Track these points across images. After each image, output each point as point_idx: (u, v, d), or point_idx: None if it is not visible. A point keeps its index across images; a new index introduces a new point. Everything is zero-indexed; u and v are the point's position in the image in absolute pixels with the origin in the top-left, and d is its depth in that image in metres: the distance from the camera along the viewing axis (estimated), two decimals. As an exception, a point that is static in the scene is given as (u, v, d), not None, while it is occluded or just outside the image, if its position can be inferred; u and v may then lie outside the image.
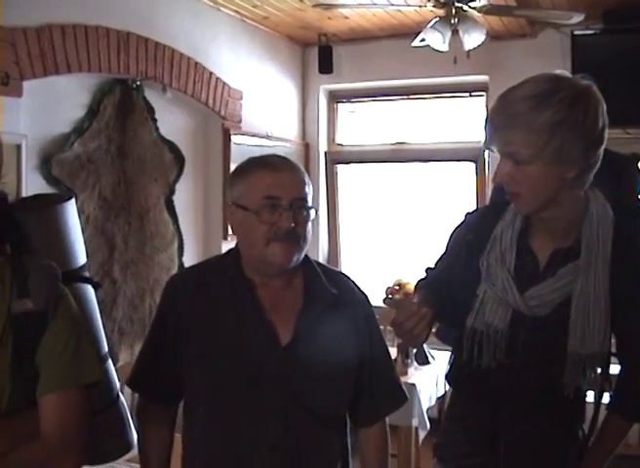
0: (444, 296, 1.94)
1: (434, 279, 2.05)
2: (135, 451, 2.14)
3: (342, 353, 1.93)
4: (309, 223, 1.87)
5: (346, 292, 1.99)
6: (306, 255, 1.97)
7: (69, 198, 1.91)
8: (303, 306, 1.91)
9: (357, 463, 2.11)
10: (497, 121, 1.72)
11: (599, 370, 1.85)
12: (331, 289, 1.95)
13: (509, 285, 1.84)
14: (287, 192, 1.82)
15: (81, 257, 1.93)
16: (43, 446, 1.57)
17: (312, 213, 1.87)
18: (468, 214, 2.07)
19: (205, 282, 1.95)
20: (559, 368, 1.82)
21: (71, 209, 1.91)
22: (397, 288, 5.53)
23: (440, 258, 2.09)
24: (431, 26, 4.18)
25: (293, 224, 1.81)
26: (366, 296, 2.05)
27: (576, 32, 5.01)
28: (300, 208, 1.84)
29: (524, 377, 1.87)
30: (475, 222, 2.01)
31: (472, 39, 4.19)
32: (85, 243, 1.94)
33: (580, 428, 1.97)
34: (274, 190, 1.81)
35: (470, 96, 5.75)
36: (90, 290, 1.95)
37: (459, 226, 2.07)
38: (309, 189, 1.89)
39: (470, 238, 1.97)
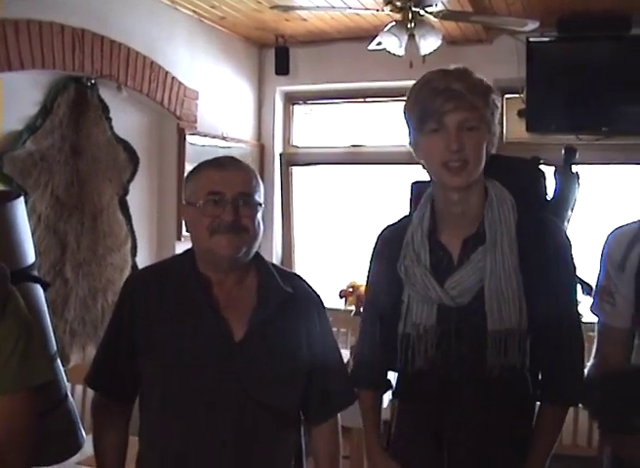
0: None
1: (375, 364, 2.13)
2: (85, 453, 2.12)
3: (295, 350, 1.99)
4: (257, 218, 1.93)
5: (300, 292, 2.05)
6: (260, 256, 2.04)
7: (18, 196, 1.90)
8: (257, 304, 1.96)
9: (310, 463, 2.12)
10: (460, 88, 1.80)
11: (520, 348, 1.87)
12: (285, 287, 2.01)
13: (428, 280, 1.91)
14: (230, 188, 1.90)
15: (30, 256, 1.92)
16: None
17: (260, 208, 1.94)
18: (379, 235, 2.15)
19: (162, 280, 2.00)
20: None
21: (20, 207, 1.90)
22: (351, 290, 5.56)
23: (370, 294, 2.16)
24: (388, 30, 4.20)
25: (234, 217, 1.87)
26: (319, 297, 2.11)
27: (531, 39, 5.07)
28: (245, 202, 1.91)
29: (461, 372, 1.91)
30: (387, 237, 2.09)
31: (428, 44, 4.22)
32: (36, 242, 1.93)
33: (527, 423, 2.00)
34: (218, 186, 1.90)
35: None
36: (39, 289, 1.94)
37: (372, 253, 2.14)
38: (257, 186, 1.96)
39: (386, 253, 2.03)
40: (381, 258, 2.08)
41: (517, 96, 5.19)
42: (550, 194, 2.17)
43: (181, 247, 4.74)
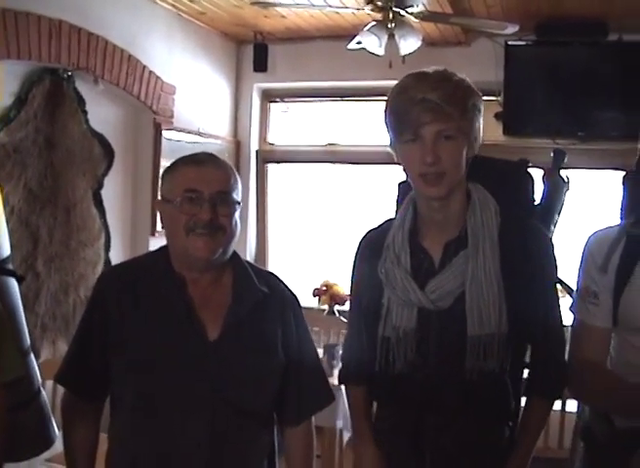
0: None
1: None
2: (54, 451, 2.10)
3: (270, 350, 1.97)
4: (235, 217, 1.91)
5: (275, 291, 2.03)
6: (236, 254, 2.02)
7: None
8: (232, 303, 1.94)
9: (283, 463, 2.11)
10: (436, 99, 1.76)
11: (499, 353, 1.88)
12: (260, 287, 1.99)
13: (409, 283, 1.90)
14: (208, 186, 1.87)
15: (5, 249, 1.88)
16: None
17: (238, 206, 1.92)
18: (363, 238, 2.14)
19: (135, 278, 1.97)
20: None
21: None
22: (324, 289, 5.55)
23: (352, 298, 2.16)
24: (368, 29, 4.19)
25: (212, 216, 1.84)
26: (295, 296, 2.09)
27: (509, 42, 5.10)
28: (222, 201, 1.88)
29: (441, 376, 1.90)
30: (369, 239, 2.08)
31: (408, 44, 4.21)
32: (9, 235, 1.90)
33: (507, 428, 2.00)
34: (195, 184, 1.87)
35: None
36: (13, 283, 1.91)
37: (356, 255, 2.13)
38: (235, 184, 1.94)
39: (368, 254, 2.03)
40: (363, 260, 2.07)
41: (494, 98, 5.21)
42: (538, 198, 2.18)
43: (155, 242, 4.71)
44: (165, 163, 4.97)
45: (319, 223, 6.19)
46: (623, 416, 1.94)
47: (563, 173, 2.26)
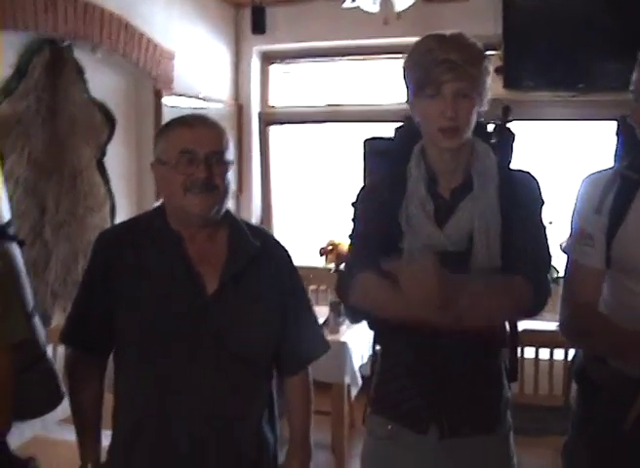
0: None
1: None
2: (67, 413, 2.16)
3: (266, 301, 2.06)
4: (228, 175, 1.99)
5: (269, 246, 2.13)
6: (230, 212, 2.10)
7: None
8: (228, 258, 2.02)
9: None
10: (458, 60, 1.92)
11: None
12: (254, 241, 2.07)
13: (433, 228, 2.01)
14: (202, 146, 1.94)
15: (5, 214, 1.93)
16: None
17: (230, 165, 1.99)
18: (368, 180, 2.27)
19: (134, 236, 2.05)
20: None
21: None
22: (330, 248, 5.60)
23: (360, 241, 2.16)
24: (361, -13, 4.19)
25: (207, 175, 1.92)
26: (286, 250, 2.18)
27: (507, -5, 5.07)
28: (217, 161, 1.96)
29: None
30: (385, 183, 2.15)
31: (402, 0, 4.21)
32: (15, 205, 1.95)
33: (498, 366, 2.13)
34: (190, 144, 1.94)
35: (403, 57, 5.76)
36: (15, 247, 1.96)
37: (363, 194, 2.19)
38: (228, 144, 2.01)
39: (386, 197, 2.09)
40: (377, 204, 2.11)
41: (494, 53, 5.19)
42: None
43: (161, 208, 4.77)
44: (167, 129, 5.00)
45: (323, 183, 6.21)
46: (614, 359, 1.99)
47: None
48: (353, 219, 2.19)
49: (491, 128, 2.20)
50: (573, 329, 2.12)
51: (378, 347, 2.24)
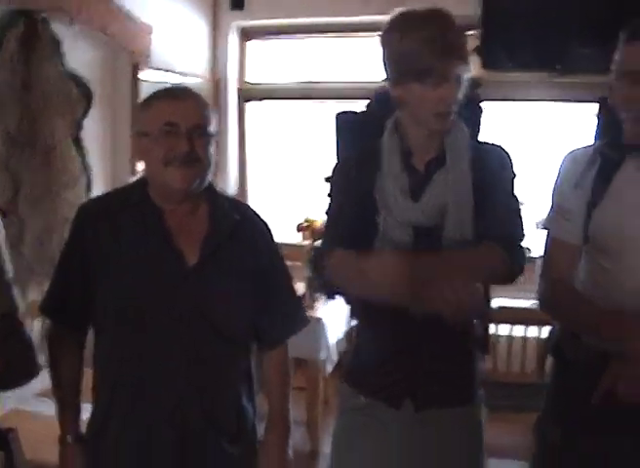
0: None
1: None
2: (45, 385, 2.17)
3: (246, 274, 2.07)
4: (210, 149, 2.00)
5: (248, 219, 2.15)
6: (211, 185, 2.11)
7: None
8: (209, 231, 2.04)
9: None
10: (462, 46, 2.00)
11: None
12: (235, 215, 2.09)
13: (407, 202, 2.04)
14: (185, 119, 1.94)
15: None
16: None
17: (212, 139, 2.00)
18: (340, 156, 2.29)
19: (113, 209, 2.05)
20: None
21: None
22: (306, 225, 5.61)
23: (335, 217, 2.19)
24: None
25: (189, 149, 1.92)
26: (266, 224, 2.20)
27: (487, -25, 5.06)
28: (199, 134, 1.96)
29: None
30: (354, 159, 2.17)
31: (383, -21, 4.19)
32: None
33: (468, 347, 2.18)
34: (172, 117, 1.94)
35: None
36: None
37: (336, 170, 2.23)
38: (210, 117, 2.01)
39: (359, 172, 2.12)
40: (347, 180, 2.15)
41: (473, 33, 5.19)
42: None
43: (137, 183, 4.75)
44: (144, 104, 4.97)
45: (300, 160, 6.22)
46: (586, 334, 2.03)
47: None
48: (329, 195, 2.21)
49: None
50: (548, 303, 2.16)
51: (354, 322, 2.27)
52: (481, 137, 2.22)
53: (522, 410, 3.61)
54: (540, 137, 5.46)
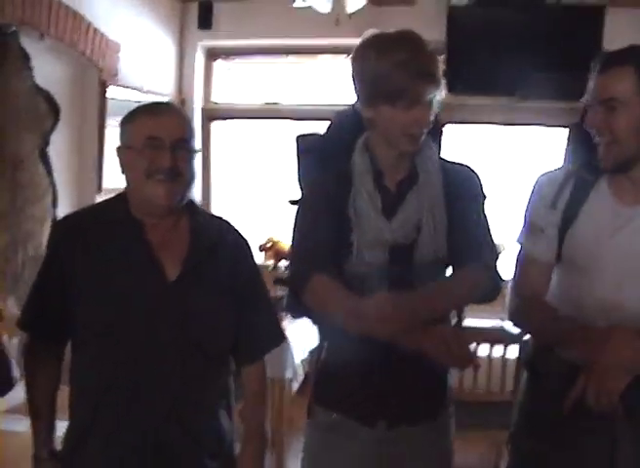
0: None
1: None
2: (13, 402, 2.14)
3: (225, 290, 2.06)
4: (192, 163, 2.01)
5: (229, 235, 2.14)
6: (192, 200, 2.11)
7: None
8: (190, 246, 2.03)
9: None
10: (434, 71, 2.00)
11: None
12: (215, 230, 2.10)
13: (381, 221, 2.06)
14: (168, 133, 1.95)
15: None
16: None
17: (194, 153, 2.02)
18: (309, 181, 2.28)
19: (94, 223, 2.03)
20: None
21: None
22: (269, 245, 5.62)
23: (309, 236, 2.17)
24: (315, -13, 4.24)
25: (172, 163, 1.92)
26: (245, 240, 2.19)
27: (452, 3, 5.23)
28: (182, 148, 1.96)
29: None
30: (330, 178, 2.18)
31: (354, 2, 4.27)
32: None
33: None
34: (155, 131, 1.94)
35: (348, 57, 5.86)
36: None
37: (308, 190, 2.25)
38: (192, 132, 2.03)
39: (333, 192, 2.13)
40: (321, 199, 2.15)
41: (439, 57, 5.29)
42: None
43: (102, 199, 4.72)
44: (110, 120, 4.98)
45: (263, 180, 6.25)
46: (558, 347, 2.09)
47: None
48: (297, 216, 2.21)
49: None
50: (521, 317, 2.22)
51: (322, 341, 2.28)
52: (447, 157, 2.26)
53: (487, 428, 3.69)
54: (502, 160, 5.59)
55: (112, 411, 1.97)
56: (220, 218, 2.23)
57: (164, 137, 1.93)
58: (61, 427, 2.09)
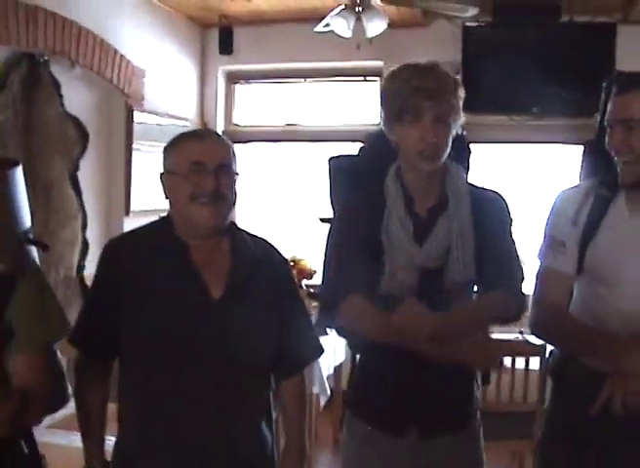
0: None
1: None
2: (55, 418, 2.20)
3: (267, 308, 2.13)
4: (234, 186, 2.08)
5: (268, 255, 2.21)
6: (233, 221, 2.19)
7: (16, 163, 2.01)
8: (232, 265, 2.10)
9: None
10: (436, 87, 2.07)
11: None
12: (256, 250, 2.17)
13: (413, 246, 2.15)
14: (211, 158, 2.02)
15: (28, 220, 2.02)
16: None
17: (236, 177, 2.09)
18: (343, 201, 2.38)
19: (140, 246, 2.11)
20: None
21: (19, 173, 2.01)
22: (292, 264, 5.70)
23: (343, 256, 2.27)
24: (337, 13, 4.35)
25: (216, 186, 2.00)
26: (285, 259, 2.28)
27: (466, 24, 5.30)
28: (224, 172, 2.04)
29: None
30: (364, 201, 2.27)
31: (375, 26, 4.38)
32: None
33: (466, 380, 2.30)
34: (200, 156, 2.02)
35: (365, 80, 6.03)
36: (34, 250, 2.05)
37: (342, 211, 2.34)
38: (234, 157, 2.10)
39: (364, 213, 2.22)
40: (359, 220, 2.24)
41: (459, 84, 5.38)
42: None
43: (129, 222, 4.84)
44: (136, 145, 5.13)
45: (285, 200, 6.35)
46: (582, 356, 2.17)
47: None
48: (330, 234, 2.31)
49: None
50: (543, 328, 2.30)
51: (357, 355, 2.38)
52: (471, 179, 2.33)
53: (510, 438, 3.77)
54: (518, 178, 5.67)
55: (157, 435, 2.04)
56: (260, 238, 2.29)
57: (208, 163, 2.01)
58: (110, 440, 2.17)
